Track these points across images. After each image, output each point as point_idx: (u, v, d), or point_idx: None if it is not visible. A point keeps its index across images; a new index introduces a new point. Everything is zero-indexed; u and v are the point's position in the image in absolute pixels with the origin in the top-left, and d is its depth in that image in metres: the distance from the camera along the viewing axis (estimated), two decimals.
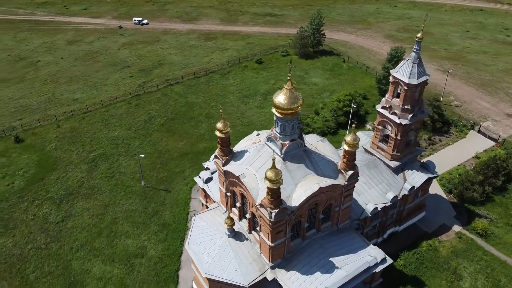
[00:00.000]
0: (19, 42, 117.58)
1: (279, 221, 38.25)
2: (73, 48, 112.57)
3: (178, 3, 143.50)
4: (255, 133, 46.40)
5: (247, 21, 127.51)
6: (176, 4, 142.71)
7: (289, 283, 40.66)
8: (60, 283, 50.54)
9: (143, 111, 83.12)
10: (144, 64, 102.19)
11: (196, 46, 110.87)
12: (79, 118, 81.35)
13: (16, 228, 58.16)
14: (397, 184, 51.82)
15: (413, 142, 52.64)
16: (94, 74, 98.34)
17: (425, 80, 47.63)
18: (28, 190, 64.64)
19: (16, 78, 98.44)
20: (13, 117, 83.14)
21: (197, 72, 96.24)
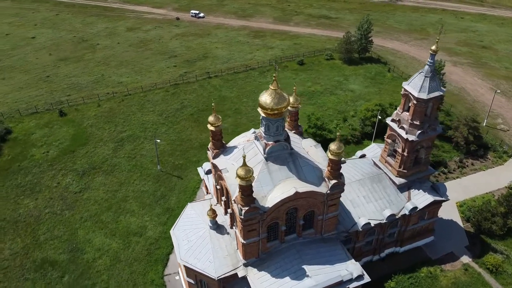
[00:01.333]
0: (86, 25, 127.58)
1: (250, 219, 38.27)
2: (130, 34, 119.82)
3: None
4: (252, 131, 46.62)
5: (300, 21, 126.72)
6: (236, 0, 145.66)
7: (257, 283, 40.55)
8: (64, 247, 54.73)
9: (177, 99, 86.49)
10: (190, 55, 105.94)
11: (243, 42, 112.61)
12: (118, 100, 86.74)
13: (40, 192, 63.79)
14: (399, 202, 49.10)
15: (424, 161, 49.47)
16: (142, 61, 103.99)
17: (438, 96, 44.56)
18: (59, 160, 70.45)
19: (75, 57, 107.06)
20: (63, 93, 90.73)
21: (237, 67, 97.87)
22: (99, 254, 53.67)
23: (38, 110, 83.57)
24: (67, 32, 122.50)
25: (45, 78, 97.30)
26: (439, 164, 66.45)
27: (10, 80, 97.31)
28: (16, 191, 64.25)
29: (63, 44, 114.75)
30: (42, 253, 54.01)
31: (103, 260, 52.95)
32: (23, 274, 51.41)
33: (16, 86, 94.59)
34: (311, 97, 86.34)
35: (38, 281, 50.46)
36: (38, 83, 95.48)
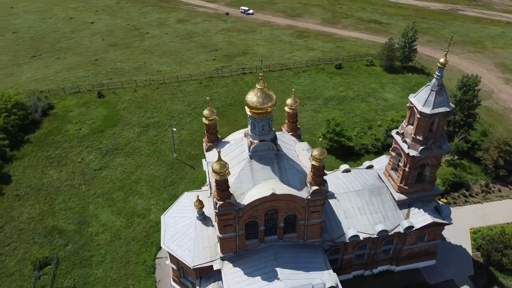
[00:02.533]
0: (141, 14, 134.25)
1: (225, 214, 38.68)
2: (179, 26, 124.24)
3: None
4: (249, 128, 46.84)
5: (348, 25, 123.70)
6: None
7: (229, 278, 40.92)
8: (73, 218, 58.68)
9: (208, 92, 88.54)
10: (231, 50, 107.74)
11: (285, 42, 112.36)
12: (154, 87, 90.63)
13: (65, 166, 68.71)
14: (395, 219, 46.86)
15: (429, 179, 46.72)
16: (184, 52, 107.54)
17: (444, 112, 41.91)
18: (88, 138, 75.31)
19: (124, 44, 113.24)
20: (106, 76, 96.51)
21: (274, 66, 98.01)
22: (103, 229, 56.93)
23: (80, 90, 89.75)
24: (122, 20, 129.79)
25: (93, 61, 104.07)
26: (461, 186, 62.23)
27: (64, 60, 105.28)
28: (45, 161, 69.77)
29: (116, 31, 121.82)
30: (54, 221, 58.37)
31: (105, 235, 56.11)
32: (33, 238, 55.99)
33: (67, 66, 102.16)
34: (341, 102, 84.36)
35: (44, 246, 54.67)
36: (87, 65, 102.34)
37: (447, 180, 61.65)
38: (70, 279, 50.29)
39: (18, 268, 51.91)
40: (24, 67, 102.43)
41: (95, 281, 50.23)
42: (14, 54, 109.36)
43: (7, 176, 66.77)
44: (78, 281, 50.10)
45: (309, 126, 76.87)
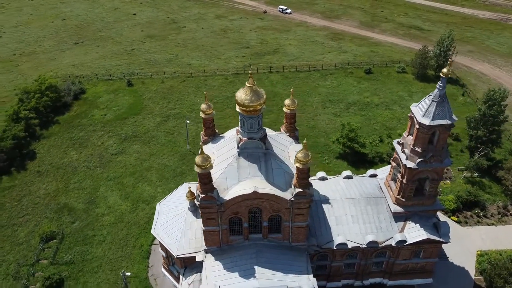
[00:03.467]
0: (182, 8, 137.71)
1: (207, 207, 39.28)
2: (216, 22, 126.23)
3: None
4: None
5: (387, 29, 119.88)
6: (329, 0, 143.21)
7: (209, 270, 41.48)
8: (83, 197, 61.77)
9: (231, 88, 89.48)
10: (261, 48, 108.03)
11: (318, 43, 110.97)
12: (181, 80, 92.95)
13: (85, 148, 72.32)
14: (389, 231, 45.26)
15: (429, 194, 44.70)
16: (216, 47, 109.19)
17: (445, 125, 39.89)
18: (111, 123, 78.71)
19: (161, 36, 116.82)
20: (138, 66, 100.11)
21: (302, 66, 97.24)
22: (108, 211, 59.46)
23: (112, 78, 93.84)
24: (163, 13, 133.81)
25: (129, 51, 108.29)
26: (476, 205, 58.84)
27: (102, 49, 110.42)
28: (68, 142, 73.78)
29: (155, 23, 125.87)
30: (66, 199, 61.73)
31: (110, 217, 58.57)
32: (45, 212, 59.59)
33: (104, 54, 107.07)
34: (364, 108, 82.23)
35: (54, 221, 58.01)
36: (123, 54, 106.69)
37: (460, 197, 58.54)
38: (70, 254, 53.09)
39: (27, 239, 55.54)
40: (66, 53, 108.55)
41: (92, 259, 52.68)
42: (59, 40, 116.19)
43: (33, 153, 71.38)
44: (78, 257, 52.76)
45: (326, 130, 75.74)
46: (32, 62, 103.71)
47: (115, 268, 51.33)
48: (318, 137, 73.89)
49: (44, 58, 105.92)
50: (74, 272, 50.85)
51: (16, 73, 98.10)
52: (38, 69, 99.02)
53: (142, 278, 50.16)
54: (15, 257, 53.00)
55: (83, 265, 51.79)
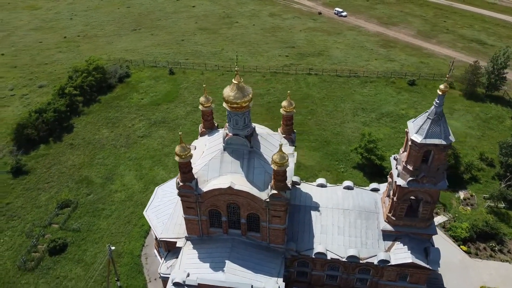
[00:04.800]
0: (238, 4, 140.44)
1: (186, 196, 40.49)
2: (268, 19, 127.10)
3: (391, 5, 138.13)
4: None
5: (444, 41, 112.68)
6: (389, 5, 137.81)
7: (184, 257, 42.77)
8: (103, 173, 66.15)
9: (266, 86, 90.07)
10: (306, 50, 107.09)
11: (366, 49, 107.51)
12: (219, 73, 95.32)
13: (117, 128, 77.18)
14: (374, 248, 43.33)
15: (422, 216, 42.13)
16: (262, 45, 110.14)
17: (439, 145, 37.30)
18: (145, 108, 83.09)
19: (212, 30, 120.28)
20: (184, 56, 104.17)
21: (343, 71, 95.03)
22: (121, 189, 63.20)
23: (157, 65, 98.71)
24: (220, 7, 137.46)
25: (179, 41, 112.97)
26: (492, 237, 54.13)
27: (156, 37, 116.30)
28: (103, 121, 79.22)
29: (210, 17, 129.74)
30: (88, 172, 66.57)
31: (121, 194, 62.27)
32: (67, 182, 64.80)
33: (156, 42, 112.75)
34: (396, 120, 78.60)
35: (72, 191, 62.94)
36: (172, 44, 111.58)
37: (475, 226, 54.21)
38: (79, 223, 57.39)
39: (46, 203, 60.91)
40: (123, 38, 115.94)
41: (97, 230, 56.52)
42: (120, 26, 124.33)
43: (71, 127, 77.70)
44: (84, 226, 56.91)
45: (350, 138, 73.61)
46: (92, 44, 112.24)
47: (113, 242, 54.52)
48: (339, 144, 72.11)
49: (102, 41, 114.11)
50: (78, 240, 54.98)
51: (75, 53, 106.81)
52: (95, 51, 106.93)
53: (135, 255, 52.94)
54: (32, 218, 58.49)
55: (87, 235, 55.80)
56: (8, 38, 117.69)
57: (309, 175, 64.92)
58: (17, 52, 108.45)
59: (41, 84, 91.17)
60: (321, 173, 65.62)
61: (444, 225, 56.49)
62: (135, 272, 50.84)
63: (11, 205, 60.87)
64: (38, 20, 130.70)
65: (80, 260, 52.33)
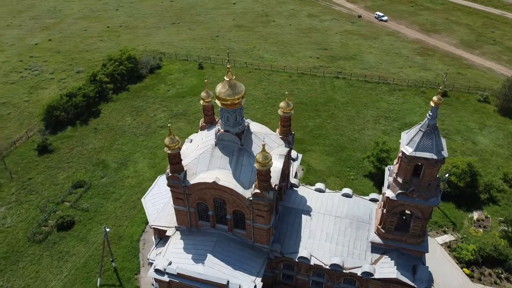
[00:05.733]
0: (278, 3, 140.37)
1: (174, 187, 41.60)
2: (305, 20, 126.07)
3: (437, 12, 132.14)
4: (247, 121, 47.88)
5: (488, 52, 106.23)
6: (434, 12, 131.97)
7: (170, 246, 43.92)
8: (119, 158, 69.04)
9: (291, 86, 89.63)
10: (338, 53, 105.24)
11: (401, 55, 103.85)
12: (246, 71, 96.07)
13: (139, 117, 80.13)
14: (360, 259, 42.25)
15: (413, 232, 40.52)
16: (294, 45, 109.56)
17: (430, 159, 35.65)
18: (170, 99, 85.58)
19: (248, 27, 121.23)
20: (216, 52, 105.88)
21: (372, 77, 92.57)
22: (133, 175, 65.71)
23: (188, 59, 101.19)
24: (260, 6, 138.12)
25: (214, 37, 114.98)
26: (499, 264, 50.83)
27: (192, 31, 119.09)
28: (129, 109, 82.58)
29: (248, 14, 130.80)
30: (105, 156, 69.78)
31: (132, 180, 64.75)
32: (85, 163, 68.32)
33: (192, 36, 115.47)
34: None
35: (87, 172, 66.31)
36: (207, 39, 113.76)
37: (483, 249, 51.15)
38: (88, 203, 60.44)
39: (63, 182, 64.64)
40: (161, 31, 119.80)
41: (104, 211, 59.25)
42: (160, 19, 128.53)
43: (98, 112, 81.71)
44: (92, 207, 59.84)
45: (366, 145, 71.64)
46: (131, 35, 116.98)
47: (117, 224, 57.10)
48: (354, 151, 70.48)
49: (142, 33, 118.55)
50: (85, 219, 57.93)
51: (115, 42, 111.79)
52: (133, 42, 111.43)
53: (134, 239, 54.98)
54: (48, 194, 62.32)
55: (94, 215, 58.65)
56: (58, 25, 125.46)
57: (317, 179, 64.09)
58: (63, 39, 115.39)
59: (78, 69, 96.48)
60: (330, 178, 64.60)
61: (449, 245, 53.79)
62: (131, 255, 52.84)
63: (32, 180, 65.24)
64: (87, 9, 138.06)
65: (84, 238, 55.20)
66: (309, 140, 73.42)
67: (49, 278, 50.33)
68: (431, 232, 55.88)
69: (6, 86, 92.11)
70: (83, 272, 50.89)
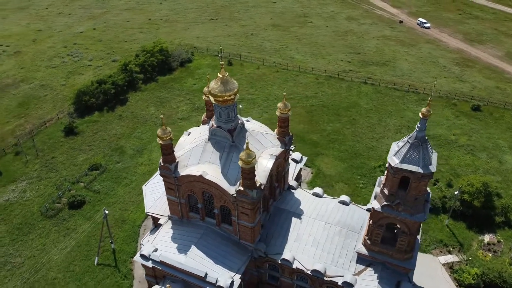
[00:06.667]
0: (319, 4, 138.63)
1: (165, 176, 42.86)
2: (344, 23, 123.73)
3: (485, 21, 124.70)
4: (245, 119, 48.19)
5: None
6: (483, 21, 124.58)
7: (160, 234, 45.28)
8: (137, 146, 71.84)
9: (316, 89, 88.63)
10: (372, 58, 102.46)
11: (438, 65, 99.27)
12: (274, 70, 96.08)
13: (163, 107, 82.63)
14: (344, 268, 41.40)
15: (399, 247, 39.13)
16: (327, 48, 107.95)
17: (416, 173, 34.19)
18: (193, 93, 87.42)
19: (284, 27, 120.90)
20: (247, 49, 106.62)
21: (402, 85, 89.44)
22: (147, 163, 68.09)
23: (218, 54, 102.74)
24: (299, 6, 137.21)
25: (248, 35, 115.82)
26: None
27: (229, 28, 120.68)
28: (154, 99, 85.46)
29: (287, 14, 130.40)
30: (124, 143, 72.81)
31: (144, 167, 67.13)
32: (105, 148, 71.67)
33: (227, 33, 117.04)
34: (442, 145, 72.06)
35: (105, 156, 69.54)
36: (241, 37, 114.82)
37: (486, 275, 48.20)
38: (101, 186, 63.49)
39: (81, 163, 68.27)
40: (199, 26, 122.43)
41: (113, 194, 61.99)
42: (200, 14, 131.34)
43: (125, 100, 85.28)
44: (104, 189, 62.78)
45: (382, 154, 69.44)
46: (170, 28, 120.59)
47: (123, 208, 59.60)
48: (369, 159, 68.65)
49: (180, 27, 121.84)
50: (95, 200, 60.97)
51: (153, 35, 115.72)
52: (170, 35, 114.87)
53: (136, 225, 57.13)
54: (67, 173, 66.13)
55: (104, 197, 61.54)
56: (104, 15, 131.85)
57: (325, 184, 63.24)
58: (106, 28, 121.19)
59: (114, 58, 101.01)
60: (338, 184, 63.46)
61: (452, 266, 51.24)
62: (131, 239, 54.98)
63: (55, 159, 69.48)
64: (133, 1, 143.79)
65: (90, 218, 58.14)
66: (324, 144, 72.40)
67: (54, 251, 53.61)
68: (434, 250, 53.57)
69: (48, 69, 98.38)
70: (84, 250, 53.71)
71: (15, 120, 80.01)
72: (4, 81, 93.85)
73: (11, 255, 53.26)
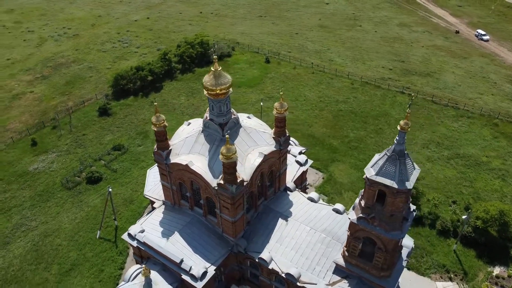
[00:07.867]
0: (373, 8, 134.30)
1: (158, 163, 44.61)
2: (394, 29, 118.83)
3: None
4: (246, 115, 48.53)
5: None
6: None
7: (152, 217, 47.04)
8: None
9: (347, 93, 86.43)
10: (415, 67, 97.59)
11: (487, 81, 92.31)
12: (310, 71, 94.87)
13: (193, 98, 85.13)
14: (319, 276, 40.51)
15: (375, 263, 37.59)
16: (371, 53, 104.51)
17: (391, 188, 32.58)
18: None
19: (331, 29, 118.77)
20: (288, 48, 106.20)
21: (442, 98, 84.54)
22: None
23: (258, 51, 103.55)
24: (352, 8, 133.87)
25: (293, 34, 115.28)
26: None
27: (275, 26, 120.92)
28: (186, 89, 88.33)
29: (337, 15, 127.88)
30: (149, 128, 75.72)
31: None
32: (131, 131, 75.48)
33: (272, 31, 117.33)
34: (471, 165, 67.28)
35: (130, 139, 73.21)
36: (285, 35, 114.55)
37: None
38: (119, 165, 67.16)
39: (107, 143, 72.56)
40: (246, 22, 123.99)
41: (128, 175, 65.33)
42: (249, 11, 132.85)
43: (160, 88, 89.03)
44: (120, 170, 66.34)
45: None
46: (218, 23, 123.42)
47: (134, 189, 62.66)
48: None
49: (227, 22, 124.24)
50: (110, 178, 64.70)
51: (200, 27, 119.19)
52: (216, 29, 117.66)
53: (142, 206, 59.82)
54: (92, 151, 70.75)
55: (119, 177, 65.10)
56: (160, 6, 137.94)
57: (334, 190, 61.97)
58: (159, 18, 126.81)
59: (159, 47, 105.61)
60: (347, 193, 61.76)
61: None
62: (134, 219, 57.56)
63: (85, 136, 74.55)
64: None
65: (103, 194, 61.80)
66: (343, 150, 70.67)
67: (64, 220, 57.87)
68: (434, 275, 50.55)
69: (99, 53, 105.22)
70: (91, 223, 57.37)
71: (60, 97, 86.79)
72: (59, 60, 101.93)
73: (28, 218, 58.34)
